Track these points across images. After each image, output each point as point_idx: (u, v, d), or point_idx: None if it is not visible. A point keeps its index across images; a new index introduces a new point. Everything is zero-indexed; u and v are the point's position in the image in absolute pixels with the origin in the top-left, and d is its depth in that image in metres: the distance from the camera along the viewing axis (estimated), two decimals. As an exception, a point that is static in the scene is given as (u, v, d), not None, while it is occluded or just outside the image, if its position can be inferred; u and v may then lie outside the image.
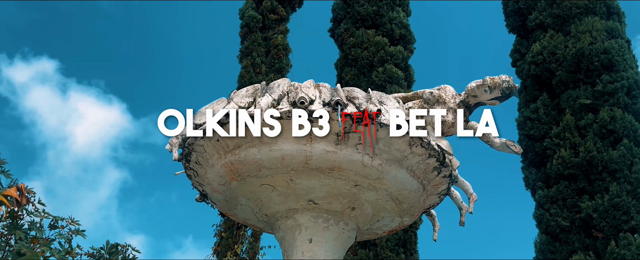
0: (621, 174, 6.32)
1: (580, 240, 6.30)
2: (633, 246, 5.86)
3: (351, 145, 2.35)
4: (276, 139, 2.33)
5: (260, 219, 2.77)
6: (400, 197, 2.58)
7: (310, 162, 2.36)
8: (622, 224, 6.09)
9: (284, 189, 2.51)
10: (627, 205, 6.10)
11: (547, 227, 6.59)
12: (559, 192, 6.61)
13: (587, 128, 6.70)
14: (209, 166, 2.59)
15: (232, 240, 7.67)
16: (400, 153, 2.42)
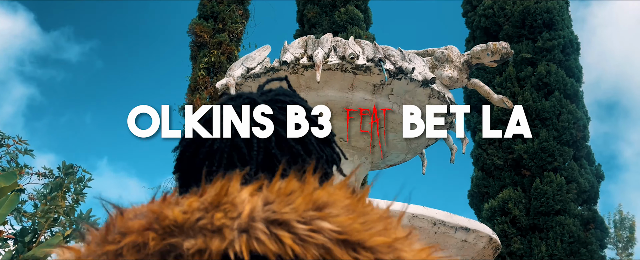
0: (550, 122, 7.27)
1: (511, 177, 7.28)
2: (554, 183, 6.89)
3: (384, 95, 2.81)
4: (322, 86, 2.74)
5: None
6: (413, 138, 3.11)
7: (350, 106, 2.80)
8: (547, 165, 7.09)
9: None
10: (552, 149, 7.09)
11: (483, 165, 7.51)
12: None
13: (526, 80, 7.54)
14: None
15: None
16: (420, 102, 2.92)
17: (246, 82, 2.88)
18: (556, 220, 6.73)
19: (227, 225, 0.54)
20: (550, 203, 6.79)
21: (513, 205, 6.95)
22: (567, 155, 7.12)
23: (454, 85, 3.18)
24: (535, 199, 6.89)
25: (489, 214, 7.12)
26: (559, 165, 7.07)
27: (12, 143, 9.34)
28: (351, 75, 2.72)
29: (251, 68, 2.85)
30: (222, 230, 0.53)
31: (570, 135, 7.22)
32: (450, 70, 3.13)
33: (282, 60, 2.71)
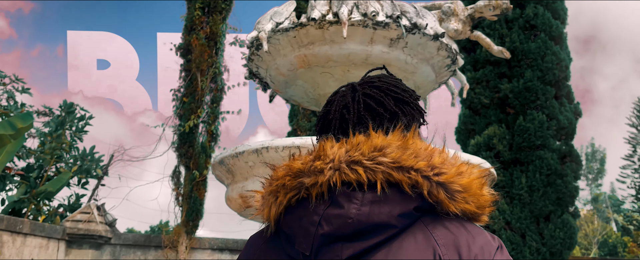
0: (535, 63, 7.69)
1: (496, 115, 7.77)
2: (536, 120, 7.41)
3: (399, 48, 3.16)
4: (345, 40, 3.07)
5: (310, 98, 3.58)
6: (421, 85, 3.49)
7: (369, 59, 3.15)
8: (530, 103, 7.58)
9: (340, 76, 3.31)
10: (536, 88, 7.55)
11: (471, 104, 7.97)
12: (484, 75, 7.91)
13: (514, 22, 7.87)
14: (281, 56, 3.28)
15: (194, 105, 8.35)
16: (429, 54, 3.28)
17: (274, 36, 3.19)
18: (536, 155, 7.31)
19: (324, 167, 0.99)
20: (531, 139, 7.34)
21: (497, 141, 7.49)
22: (549, 94, 7.61)
23: (459, 37, 3.53)
24: (518, 135, 7.43)
25: (475, 149, 7.67)
26: (541, 104, 7.56)
27: (8, 82, 9.50)
28: (371, 31, 3.05)
29: (280, 22, 3.15)
30: (323, 170, 0.97)
31: (553, 76, 7.68)
32: (456, 24, 3.47)
33: (311, 17, 3.01)
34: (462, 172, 0.93)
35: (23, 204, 7.75)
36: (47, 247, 7.50)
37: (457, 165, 0.93)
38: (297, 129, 8.40)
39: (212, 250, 8.29)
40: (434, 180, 0.90)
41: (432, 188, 0.90)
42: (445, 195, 0.90)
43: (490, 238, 0.93)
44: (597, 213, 25.32)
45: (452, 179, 0.91)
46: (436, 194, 0.90)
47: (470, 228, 0.91)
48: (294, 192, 0.98)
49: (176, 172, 8.30)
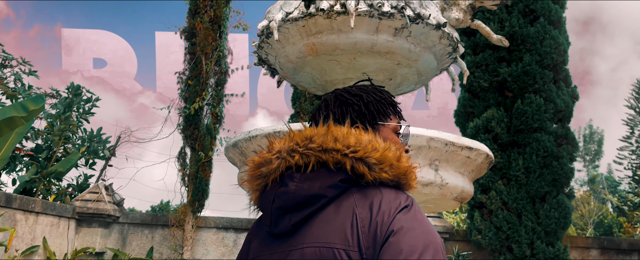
0: (534, 47, 7.84)
1: (495, 98, 7.95)
2: (534, 104, 7.59)
3: (403, 37, 3.32)
4: (352, 30, 3.23)
5: (318, 84, 3.75)
6: (423, 72, 3.67)
7: (375, 47, 3.32)
8: (529, 87, 7.75)
9: (346, 64, 3.48)
10: (534, 72, 7.72)
11: (470, 87, 8.14)
12: (483, 59, 8.07)
13: (514, 6, 7.99)
14: (290, 44, 3.45)
15: (199, 88, 8.51)
16: (432, 42, 3.44)
17: (284, 25, 3.35)
18: (533, 137, 7.50)
19: (272, 157, 1.24)
20: (529, 122, 7.53)
21: (495, 123, 7.68)
22: (547, 78, 7.77)
23: (460, 25, 3.69)
24: (516, 118, 7.62)
25: (473, 131, 7.86)
26: (539, 88, 7.73)
27: (15, 64, 9.64)
28: (377, 21, 3.20)
29: (289, 12, 3.30)
30: (272, 160, 1.22)
31: (552, 60, 7.84)
32: (457, 13, 3.63)
33: (319, 7, 3.17)
34: (376, 148, 1.16)
35: (34, 183, 7.96)
36: (58, 225, 7.74)
37: (373, 143, 1.17)
38: (299, 111, 8.58)
39: (217, 229, 8.54)
40: (351, 157, 1.14)
41: (354, 163, 1.14)
42: (364, 167, 1.14)
43: (401, 199, 1.14)
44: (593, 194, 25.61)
45: (367, 154, 1.15)
46: (358, 168, 1.14)
47: (385, 191, 1.14)
48: (261, 179, 1.24)
49: (182, 153, 8.50)
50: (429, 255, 1.04)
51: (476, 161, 3.11)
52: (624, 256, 8.43)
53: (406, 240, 1.05)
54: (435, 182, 2.93)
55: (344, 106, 1.33)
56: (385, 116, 1.33)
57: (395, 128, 1.34)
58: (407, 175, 1.18)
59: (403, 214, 1.11)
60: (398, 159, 1.17)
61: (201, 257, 8.41)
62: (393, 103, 1.38)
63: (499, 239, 7.48)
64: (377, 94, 1.36)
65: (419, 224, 1.10)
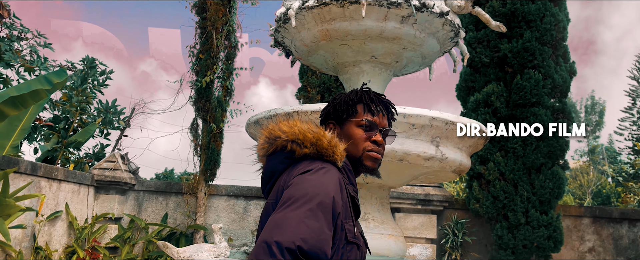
0: (534, 24, 8.09)
1: (495, 73, 8.25)
2: (533, 79, 7.89)
3: (410, 24, 3.64)
4: (363, 17, 3.55)
5: (329, 65, 4.08)
6: (427, 55, 3.99)
7: (383, 33, 3.64)
8: (528, 63, 8.04)
9: (357, 48, 3.80)
10: (534, 48, 7.99)
11: (472, 62, 8.43)
12: (485, 35, 8.33)
13: (516, -17, 8.20)
14: (305, 29, 3.77)
15: (210, 62, 8.81)
16: (435, 28, 3.76)
17: (301, 12, 3.67)
18: (531, 111, 7.84)
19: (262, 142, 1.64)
20: (527, 96, 7.85)
21: (495, 98, 8.00)
22: (546, 54, 8.05)
23: (461, 12, 3.99)
24: (515, 92, 7.93)
25: (474, 105, 8.19)
26: (538, 63, 8.02)
27: (31, 37, 9.92)
28: (386, 9, 3.52)
29: (306, 0, 3.61)
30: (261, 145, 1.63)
31: (551, 37, 8.10)
32: (459, 1, 3.93)
33: (333, -3, 3.49)
34: (302, 132, 1.53)
35: (55, 153, 8.36)
36: (78, 192, 8.18)
37: (302, 131, 1.53)
38: (307, 85, 8.90)
39: (228, 196, 8.98)
40: (285, 139, 1.56)
41: (290, 144, 1.55)
42: (296, 146, 1.54)
43: (314, 166, 1.46)
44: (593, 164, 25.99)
45: (295, 137, 1.55)
46: (292, 147, 1.55)
47: (308, 162, 1.49)
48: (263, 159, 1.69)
49: (194, 124, 8.87)
50: (301, 201, 1.30)
51: (473, 138, 3.47)
52: (614, 224, 8.88)
53: (290, 191, 1.36)
54: (436, 157, 3.29)
55: (326, 108, 1.73)
56: (351, 114, 1.65)
57: (358, 122, 1.64)
58: (327, 150, 1.50)
59: (302, 175, 1.42)
60: (318, 140, 1.52)
61: (213, 222, 8.88)
62: (365, 102, 1.67)
63: (496, 208, 7.91)
64: (348, 97, 1.69)
65: (308, 182, 1.38)
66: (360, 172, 1.65)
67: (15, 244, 6.73)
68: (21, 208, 5.87)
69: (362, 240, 1.50)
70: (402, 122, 3.10)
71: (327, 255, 1.25)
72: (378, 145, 1.63)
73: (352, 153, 1.61)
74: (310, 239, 1.22)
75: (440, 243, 8.66)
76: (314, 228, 1.24)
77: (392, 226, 3.64)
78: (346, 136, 1.63)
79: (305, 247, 1.20)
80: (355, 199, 1.52)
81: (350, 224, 1.41)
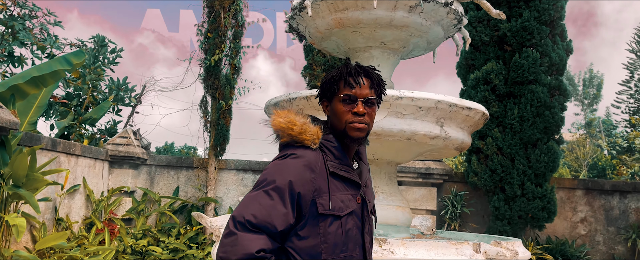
0: (533, 4, 8.35)
1: (495, 52, 8.54)
2: (530, 57, 8.19)
3: (417, 13, 3.93)
4: (374, 8, 3.84)
5: (341, 50, 4.39)
6: (432, 41, 4.30)
7: (392, 22, 3.94)
8: (526, 42, 8.33)
9: (367, 35, 4.11)
10: (532, 27, 8.27)
11: (472, 41, 8.71)
12: (485, 14, 8.59)
13: (516, -36, 8.42)
14: (320, 18, 4.07)
15: (218, 40, 9.07)
16: (440, 17, 4.06)
17: (316, 2, 3.96)
18: (528, 89, 8.16)
19: None
20: (525, 74, 8.16)
21: (494, 76, 8.31)
22: (544, 33, 8.33)
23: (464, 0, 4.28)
24: (513, 70, 8.24)
25: (474, 83, 8.51)
26: (536, 42, 8.31)
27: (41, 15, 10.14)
28: (395, 0, 3.81)
29: (321, -9, 3.90)
30: None
31: (549, 16, 8.36)
32: (462, -11, 4.21)
33: (347, -11, 3.77)
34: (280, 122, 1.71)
35: (72, 129, 8.69)
36: (94, 166, 8.54)
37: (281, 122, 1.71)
38: (312, 63, 9.18)
39: (237, 170, 9.37)
40: (274, 131, 1.76)
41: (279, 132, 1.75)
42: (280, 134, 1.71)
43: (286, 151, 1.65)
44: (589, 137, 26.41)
45: (277, 128, 1.72)
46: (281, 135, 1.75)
47: (286, 149, 1.69)
48: None
49: (204, 101, 9.18)
50: (261, 185, 1.57)
51: (474, 118, 3.81)
52: (606, 196, 9.31)
53: (260, 176, 1.61)
54: (440, 136, 3.63)
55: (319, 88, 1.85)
56: (334, 91, 1.74)
57: (339, 97, 1.72)
58: (298, 136, 1.66)
59: (273, 161, 1.64)
60: (289, 129, 1.68)
61: (223, 196, 9.29)
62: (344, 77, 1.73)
63: (493, 181, 8.30)
64: (330, 75, 1.78)
65: (272, 167, 1.61)
66: (352, 144, 1.74)
67: (38, 216, 7.12)
68: (48, 182, 6.23)
69: (349, 209, 1.64)
70: (410, 105, 3.43)
71: (276, 228, 1.51)
72: (360, 115, 1.69)
73: (337, 127, 1.71)
74: (259, 214, 1.50)
75: (439, 214, 9.09)
76: (265, 205, 1.52)
77: (399, 198, 4.01)
78: (333, 112, 1.74)
79: (255, 220, 1.49)
80: (336, 174, 1.65)
81: (324, 198, 1.59)
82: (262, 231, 1.50)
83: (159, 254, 8.12)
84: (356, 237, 1.67)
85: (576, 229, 9.23)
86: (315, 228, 1.58)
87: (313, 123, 1.72)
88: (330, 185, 1.62)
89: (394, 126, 3.44)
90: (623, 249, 9.18)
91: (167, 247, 8.38)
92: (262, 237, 1.49)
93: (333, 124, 1.74)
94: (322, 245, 1.57)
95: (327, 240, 1.58)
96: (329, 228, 1.59)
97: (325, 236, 1.58)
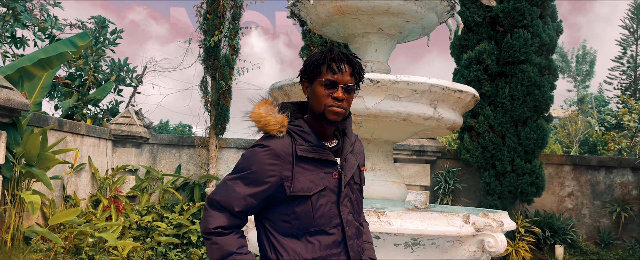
0: (525, -15, 8.57)
1: (487, 32, 8.79)
2: (521, 38, 8.45)
3: (412, 1, 4.18)
4: (372, -4, 4.08)
5: (341, 35, 4.64)
6: (426, 27, 4.55)
7: (389, 10, 4.18)
8: (518, 22, 8.58)
9: (365, 21, 4.35)
10: (523, 9, 8.50)
11: (466, 22, 8.95)
12: (478, -4, 8.81)
13: (509, -55, 8.61)
14: (321, 5, 4.30)
15: (217, 22, 9.26)
16: (434, 4, 4.30)
17: (317, -10, 4.18)
18: (519, 68, 8.44)
19: None
20: (516, 54, 8.43)
21: (487, 56, 8.57)
22: (535, 14, 8.57)
23: (457, -13, 4.52)
24: (505, 51, 8.51)
25: (467, 62, 8.77)
26: (527, 23, 8.56)
27: (41, -4, 10.23)
28: (391, -11, 4.05)
29: (322, -19, 4.12)
30: None
31: (540, -3, 8.61)
32: (455, -23, 4.45)
33: (347, -21, 4.00)
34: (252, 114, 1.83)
35: (76, 109, 8.92)
36: (98, 145, 8.80)
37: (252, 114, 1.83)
38: (310, 44, 9.40)
39: (237, 148, 9.65)
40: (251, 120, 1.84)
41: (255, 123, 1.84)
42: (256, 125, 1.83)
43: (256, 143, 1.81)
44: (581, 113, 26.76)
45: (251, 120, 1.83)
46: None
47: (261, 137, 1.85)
48: None
49: (204, 82, 9.41)
50: (232, 172, 1.81)
51: (465, 100, 4.09)
52: (592, 171, 9.68)
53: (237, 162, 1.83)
54: (433, 117, 3.91)
55: (301, 68, 1.90)
56: (316, 74, 1.80)
57: (320, 81, 1.78)
58: (265, 127, 1.81)
59: (249, 148, 1.83)
60: (258, 122, 1.81)
61: (224, 173, 9.59)
62: (327, 62, 1.79)
63: (485, 157, 8.64)
64: (314, 58, 1.83)
65: (245, 155, 1.81)
66: (329, 126, 1.82)
67: (48, 193, 7.40)
68: (60, 161, 6.50)
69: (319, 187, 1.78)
70: (406, 89, 3.71)
71: (234, 209, 1.75)
72: (339, 100, 1.76)
73: (315, 109, 1.79)
74: (223, 197, 1.78)
75: (433, 189, 9.45)
76: (229, 189, 1.78)
77: (395, 175, 4.31)
78: (312, 94, 1.81)
79: (220, 201, 1.78)
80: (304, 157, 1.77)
81: (289, 181, 1.75)
82: (225, 210, 1.77)
83: (164, 229, 8.44)
84: (331, 210, 1.80)
85: (563, 203, 9.62)
86: (286, 208, 1.77)
87: (281, 111, 1.83)
88: (297, 168, 1.76)
89: (391, 108, 3.72)
90: (608, 221, 9.60)
91: (171, 223, 8.71)
92: (224, 215, 1.77)
93: (312, 105, 1.82)
94: (292, 221, 1.77)
95: (296, 217, 1.77)
96: (296, 207, 1.76)
97: (294, 214, 1.77)
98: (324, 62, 1.79)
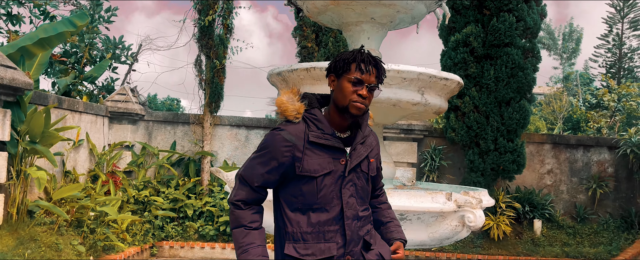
0: (512, -30, 8.83)
1: (474, 15, 9.07)
2: (507, 22, 8.75)
3: (403, -7, 4.45)
4: (365, -12, 4.35)
5: (335, 23, 4.91)
6: (416, 16, 4.84)
7: (381, 0, 4.46)
8: (504, 6, 8.86)
9: (359, 10, 4.62)
10: (510, -7, 8.79)
11: (454, 5, 9.21)
12: (467, -21, 9.06)
13: None
14: (317, -5, 4.56)
15: (211, 1, 9.42)
16: (424, -5, 4.59)
17: (314, -18, 4.44)
18: (504, 51, 8.76)
19: None
20: (501, 37, 8.74)
21: (473, 38, 8.88)
22: (520, -2, 8.87)
23: (445, -21, 4.79)
24: (491, 34, 8.81)
25: (454, 45, 9.07)
26: (512, 7, 8.85)
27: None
28: (384, -18, 4.31)
29: (318, -27, 4.37)
30: None
31: (526, -18, 8.88)
32: (444, -30, 4.72)
33: (342, -28, 4.25)
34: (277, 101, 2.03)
35: (73, 86, 9.11)
36: (95, 122, 9.04)
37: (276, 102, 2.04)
38: (302, 24, 9.61)
39: (231, 126, 9.94)
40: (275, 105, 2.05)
41: None
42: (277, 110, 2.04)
43: (278, 125, 2.02)
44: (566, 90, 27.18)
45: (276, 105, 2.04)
46: None
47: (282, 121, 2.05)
48: None
49: (198, 60, 9.62)
50: (255, 151, 2.03)
51: (450, 87, 4.41)
52: (571, 150, 10.13)
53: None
54: (421, 102, 4.23)
55: (330, 63, 2.06)
56: (345, 70, 1.97)
57: (349, 78, 1.96)
58: (284, 113, 2.01)
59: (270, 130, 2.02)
60: (278, 107, 2.02)
61: (218, 150, 9.89)
62: (357, 62, 1.96)
63: (469, 136, 9.03)
64: (346, 55, 1.99)
65: (265, 137, 2.02)
66: (351, 119, 2.01)
67: (49, 168, 7.67)
68: (63, 138, 6.75)
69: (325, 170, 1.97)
70: (396, 77, 4.01)
71: (253, 184, 2.00)
72: (363, 98, 1.94)
73: (340, 102, 1.96)
74: (246, 173, 2.03)
75: (419, 167, 9.85)
76: (250, 167, 2.03)
77: (385, 154, 4.65)
78: (339, 88, 1.97)
79: (244, 177, 2.03)
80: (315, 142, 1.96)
81: (300, 162, 1.95)
82: (247, 184, 2.03)
83: (160, 203, 8.77)
84: (333, 192, 2.00)
85: (543, 180, 10.09)
86: (295, 185, 2.00)
87: (302, 100, 2.04)
88: (307, 151, 1.95)
89: (382, 94, 4.02)
90: (584, 197, 10.09)
91: (167, 197, 9.03)
92: (246, 189, 2.04)
93: (336, 98, 1.99)
94: (298, 197, 2.00)
95: (302, 195, 1.99)
96: (303, 186, 1.97)
97: (301, 192, 1.99)
98: (354, 61, 1.96)
